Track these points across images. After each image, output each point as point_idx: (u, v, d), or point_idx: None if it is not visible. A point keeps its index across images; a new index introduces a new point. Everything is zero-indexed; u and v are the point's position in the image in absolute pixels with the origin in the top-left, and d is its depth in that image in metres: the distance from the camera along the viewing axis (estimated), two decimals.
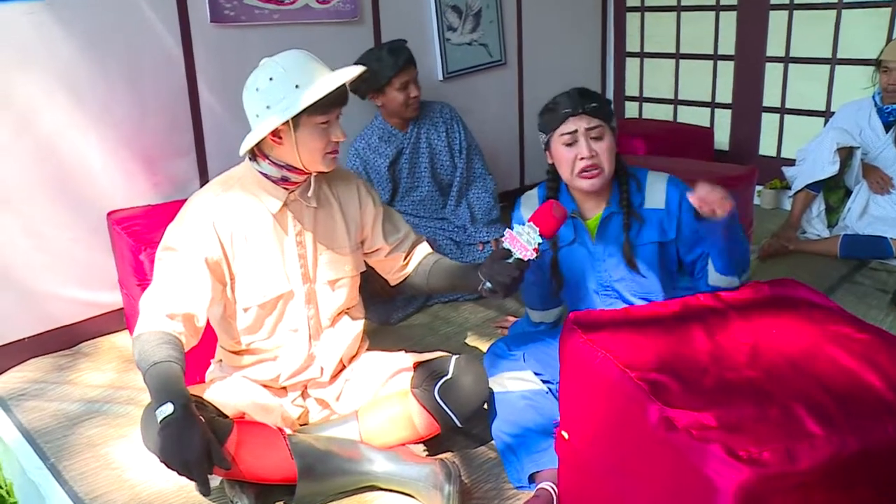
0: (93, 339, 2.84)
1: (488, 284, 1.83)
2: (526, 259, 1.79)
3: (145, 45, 2.79)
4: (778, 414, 1.29)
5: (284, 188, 1.91)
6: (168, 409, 1.63)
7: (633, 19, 4.79)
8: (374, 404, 2.03)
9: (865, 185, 3.45)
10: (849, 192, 3.56)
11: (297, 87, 1.75)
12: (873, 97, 3.49)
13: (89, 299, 2.81)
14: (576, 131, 1.92)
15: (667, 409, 1.32)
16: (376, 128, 3.14)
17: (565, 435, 1.71)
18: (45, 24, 2.53)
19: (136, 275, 2.42)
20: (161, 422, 1.63)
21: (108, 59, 2.70)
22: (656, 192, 1.99)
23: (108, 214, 2.73)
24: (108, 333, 2.86)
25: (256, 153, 1.87)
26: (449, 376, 1.95)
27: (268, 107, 1.77)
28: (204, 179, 3.04)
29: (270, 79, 1.77)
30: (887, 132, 3.45)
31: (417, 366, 2.04)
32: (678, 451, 1.28)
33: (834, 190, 3.58)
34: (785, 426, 1.25)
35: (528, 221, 1.80)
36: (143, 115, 2.83)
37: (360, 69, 1.84)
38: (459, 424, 1.97)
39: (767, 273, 3.27)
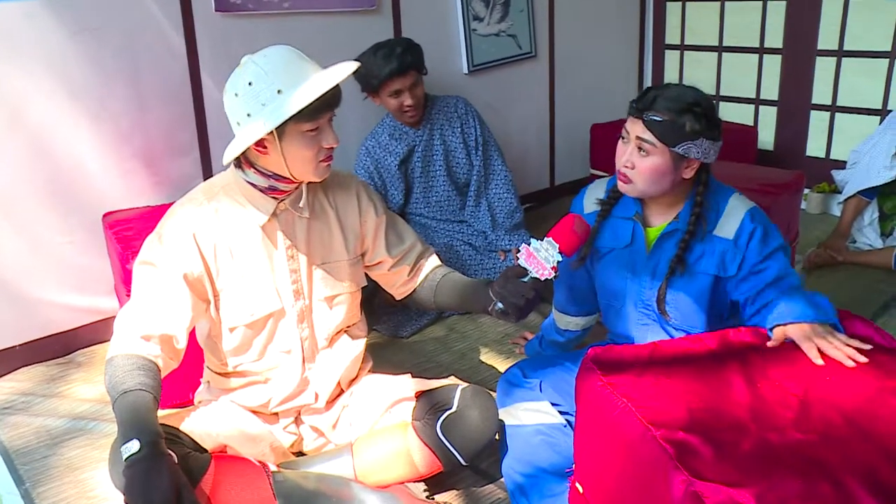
0: (88, 346, 2.70)
1: (500, 306, 1.64)
2: (543, 279, 1.60)
3: (145, 36, 2.62)
4: (830, 491, 1.07)
5: (273, 197, 1.72)
6: (134, 446, 1.45)
7: (673, 9, 4.53)
8: (371, 436, 1.83)
9: None
10: None
11: (279, 91, 1.55)
12: None
13: (84, 305, 2.67)
14: (628, 132, 1.71)
15: (695, 482, 1.11)
16: (387, 125, 2.94)
17: (580, 488, 1.50)
18: (36, 14, 2.38)
19: (126, 284, 2.26)
20: (126, 460, 1.45)
21: (103, 50, 2.54)
22: (732, 219, 1.74)
23: (104, 216, 2.58)
24: (104, 341, 2.71)
25: (242, 161, 1.69)
26: (453, 409, 1.75)
27: (248, 114, 1.58)
28: (207, 177, 2.87)
29: (250, 83, 1.57)
30: None
31: (420, 395, 1.84)
32: None
33: (889, 196, 3.30)
34: None
35: (547, 237, 1.62)
36: (142, 110, 2.67)
37: (350, 68, 1.62)
38: (464, 463, 1.76)
39: (813, 288, 3.01)
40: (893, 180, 3.18)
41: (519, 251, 1.63)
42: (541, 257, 1.60)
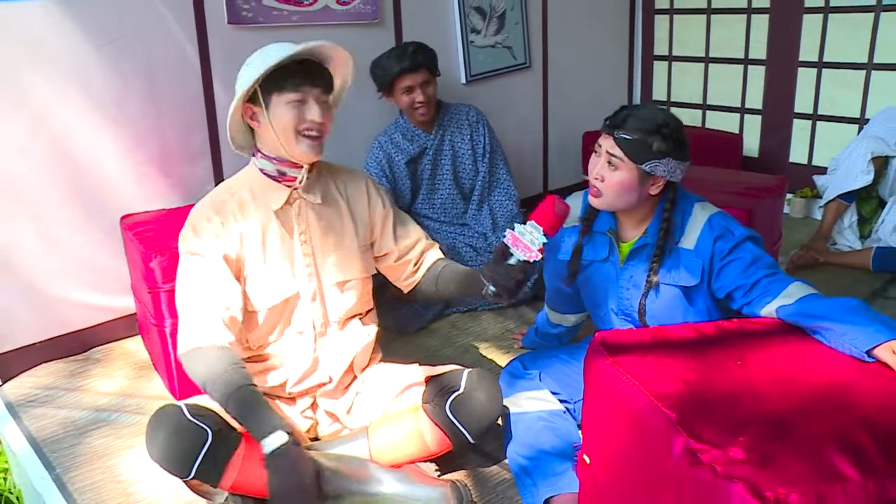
0: (104, 344, 2.80)
1: (492, 288, 1.76)
2: (531, 260, 1.71)
3: (161, 46, 2.75)
4: (810, 453, 1.20)
5: (286, 185, 1.87)
6: (281, 437, 1.64)
7: (661, 22, 4.68)
8: (385, 420, 1.96)
9: None
10: (883, 203, 3.44)
11: (262, 64, 1.74)
12: None
13: (102, 304, 2.77)
14: (601, 146, 1.83)
15: (692, 442, 1.24)
16: (400, 125, 3.08)
17: (587, 459, 1.63)
18: (59, 23, 2.50)
19: (147, 282, 2.37)
20: (273, 451, 1.64)
21: (122, 59, 2.66)
22: (693, 231, 1.84)
23: (122, 219, 2.69)
24: (120, 339, 2.83)
25: (253, 150, 1.88)
26: (461, 391, 1.87)
27: (238, 89, 1.78)
28: (219, 183, 2.99)
29: (249, 63, 1.80)
30: None
31: (429, 380, 1.97)
32: (701, 486, 1.21)
33: (867, 200, 3.46)
34: (817, 467, 1.17)
35: (530, 220, 1.72)
36: (158, 116, 2.79)
37: (324, 43, 1.79)
38: (472, 440, 1.89)
39: None
40: (871, 185, 3.33)
41: (506, 237, 1.73)
42: (526, 240, 1.69)
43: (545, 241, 1.69)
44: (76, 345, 2.74)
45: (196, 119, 2.90)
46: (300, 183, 1.88)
